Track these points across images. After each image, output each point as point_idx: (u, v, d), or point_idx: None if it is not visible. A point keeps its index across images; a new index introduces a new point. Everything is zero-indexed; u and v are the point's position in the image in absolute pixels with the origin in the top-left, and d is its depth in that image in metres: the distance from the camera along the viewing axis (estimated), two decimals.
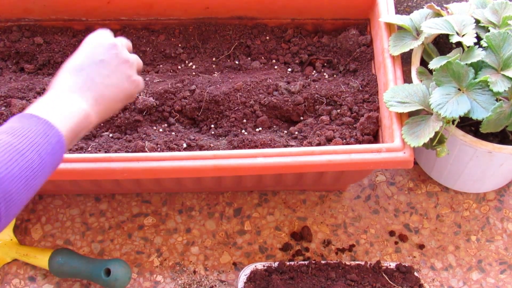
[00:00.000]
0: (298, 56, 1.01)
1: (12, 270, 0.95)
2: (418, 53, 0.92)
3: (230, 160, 0.80)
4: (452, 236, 0.99)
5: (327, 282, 0.87)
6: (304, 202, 1.02)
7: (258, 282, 0.87)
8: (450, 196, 1.03)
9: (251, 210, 1.01)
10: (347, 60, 0.99)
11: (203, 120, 0.94)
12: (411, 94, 0.82)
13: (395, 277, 0.88)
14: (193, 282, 0.94)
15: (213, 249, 0.97)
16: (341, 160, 0.79)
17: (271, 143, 0.88)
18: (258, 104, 0.93)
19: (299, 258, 0.96)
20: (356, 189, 1.03)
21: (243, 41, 1.02)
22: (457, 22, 0.86)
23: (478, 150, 0.86)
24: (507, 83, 0.78)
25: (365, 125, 0.88)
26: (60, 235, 0.98)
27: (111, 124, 0.92)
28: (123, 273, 0.88)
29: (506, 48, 0.80)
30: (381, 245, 0.98)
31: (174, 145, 0.88)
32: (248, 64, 1.00)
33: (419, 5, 1.05)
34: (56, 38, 1.00)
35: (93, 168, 0.79)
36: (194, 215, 1.00)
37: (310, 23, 1.03)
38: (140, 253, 0.97)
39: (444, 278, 0.95)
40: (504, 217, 1.01)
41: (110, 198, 1.02)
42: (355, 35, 0.99)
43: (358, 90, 0.94)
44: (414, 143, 0.78)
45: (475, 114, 0.78)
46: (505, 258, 0.97)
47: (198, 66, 1.00)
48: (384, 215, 1.01)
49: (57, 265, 0.91)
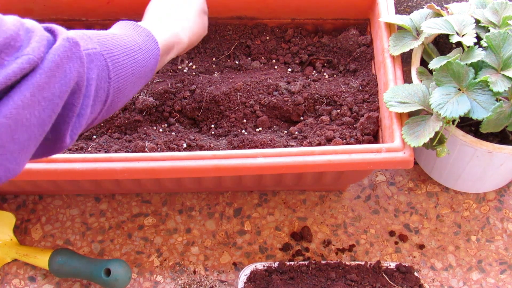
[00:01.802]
0: (298, 56, 1.01)
1: (12, 270, 0.95)
2: (418, 53, 0.92)
3: (230, 160, 0.80)
4: (452, 236, 0.99)
5: (327, 282, 0.87)
6: (304, 202, 1.02)
7: (258, 282, 0.87)
8: (450, 196, 1.03)
9: (251, 210, 1.01)
10: (347, 60, 0.99)
11: (203, 120, 0.94)
12: (411, 94, 0.82)
13: (395, 277, 0.88)
14: (193, 282, 0.94)
15: (213, 249, 0.97)
16: (341, 160, 0.79)
17: (271, 143, 0.88)
18: (258, 104, 0.93)
19: (299, 258, 0.96)
20: (356, 189, 1.03)
21: (243, 41, 1.02)
22: (457, 22, 0.86)
23: (478, 150, 0.86)
24: (507, 83, 0.78)
25: (365, 125, 0.88)
26: (60, 235, 0.98)
27: (111, 124, 0.92)
28: (123, 273, 0.88)
29: (506, 48, 0.80)
30: (381, 245, 0.98)
31: (174, 145, 0.88)
32: (248, 64, 1.00)
33: (419, 5, 1.05)
34: None
35: (93, 168, 0.79)
36: (194, 215, 1.00)
37: (310, 23, 1.03)
38: (140, 253, 0.97)
39: (444, 278, 0.95)
40: (504, 217, 1.01)
41: (110, 198, 1.02)
42: (355, 35, 0.99)
43: (358, 90, 0.94)
44: (414, 143, 0.78)
45: (475, 114, 0.78)
46: (505, 258, 0.97)
47: (198, 66, 1.00)
48: (384, 215, 1.01)
49: (57, 265, 0.91)
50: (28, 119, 0.45)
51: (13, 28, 0.46)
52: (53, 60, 0.47)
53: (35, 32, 0.48)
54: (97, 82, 0.54)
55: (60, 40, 0.49)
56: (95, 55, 0.54)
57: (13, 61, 0.44)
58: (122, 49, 0.60)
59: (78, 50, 0.50)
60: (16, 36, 0.45)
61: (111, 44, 0.58)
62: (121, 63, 0.59)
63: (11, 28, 0.45)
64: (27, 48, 0.46)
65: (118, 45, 0.59)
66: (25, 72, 0.45)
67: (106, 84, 0.56)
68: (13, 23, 0.46)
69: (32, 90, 0.45)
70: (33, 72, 0.45)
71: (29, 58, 0.45)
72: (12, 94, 0.43)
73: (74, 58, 0.50)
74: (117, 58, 0.58)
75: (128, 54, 0.61)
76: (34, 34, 0.47)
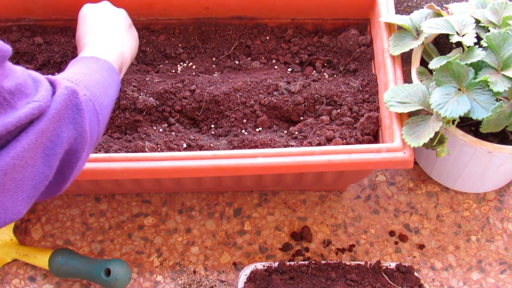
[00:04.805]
0: (298, 56, 1.01)
1: (12, 270, 0.95)
2: (418, 53, 0.92)
3: (230, 160, 0.80)
4: (452, 236, 0.99)
5: (327, 282, 0.87)
6: (304, 202, 1.02)
7: (258, 282, 0.87)
8: (450, 196, 1.03)
9: (251, 210, 1.01)
10: (347, 60, 0.99)
11: (203, 120, 0.94)
12: (411, 94, 0.82)
13: (395, 277, 0.88)
14: (193, 282, 0.94)
15: (213, 249, 0.97)
16: (341, 160, 0.79)
17: (271, 143, 0.88)
18: (258, 104, 0.93)
19: (299, 258, 0.96)
20: (356, 189, 1.03)
21: (243, 41, 1.02)
22: (457, 22, 0.86)
23: (478, 150, 0.86)
24: (507, 83, 0.78)
25: (365, 125, 0.88)
26: (60, 235, 0.98)
27: (111, 124, 0.92)
28: (123, 273, 0.88)
29: (506, 48, 0.80)
30: (381, 245, 0.98)
31: (174, 145, 0.88)
32: (248, 64, 1.00)
33: (419, 5, 1.05)
34: (56, 38, 1.00)
35: (93, 168, 0.79)
36: (194, 215, 1.00)
37: (310, 23, 1.03)
38: (140, 253, 0.97)
39: (444, 278, 0.95)
40: (504, 217, 1.01)
41: (110, 198, 1.02)
42: (355, 35, 0.99)
43: (358, 90, 0.94)
44: (414, 143, 0.78)
45: (475, 114, 0.78)
46: (505, 258, 0.97)
47: (198, 66, 1.00)
48: (384, 215, 1.01)
49: (57, 265, 0.91)
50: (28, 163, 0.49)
51: (23, 77, 0.50)
52: (55, 107, 0.51)
53: (41, 83, 0.52)
54: (90, 126, 0.58)
55: (60, 89, 0.53)
56: (87, 102, 0.58)
57: (24, 106, 0.47)
58: (100, 88, 0.64)
59: (77, 98, 0.55)
60: (25, 84, 0.49)
61: (92, 86, 0.62)
62: (103, 103, 0.63)
63: (21, 77, 0.49)
64: (36, 95, 0.49)
65: (96, 86, 0.63)
66: (34, 117, 0.48)
67: (97, 126, 0.60)
68: (22, 72, 0.50)
69: (37, 134, 0.48)
70: (39, 118, 0.49)
71: (39, 105, 0.49)
72: (19, 138, 0.47)
73: (75, 106, 0.54)
74: (100, 100, 0.62)
75: (105, 92, 0.65)
76: (41, 84, 0.51)
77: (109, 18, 0.86)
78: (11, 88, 0.47)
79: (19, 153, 0.47)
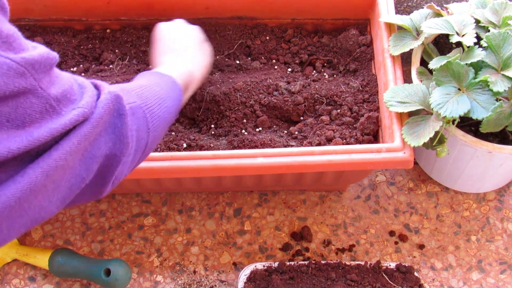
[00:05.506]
0: (298, 56, 1.01)
1: (12, 270, 0.95)
2: (418, 53, 0.92)
3: (230, 160, 0.80)
4: (452, 236, 0.99)
5: (327, 282, 0.87)
6: (304, 202, 1.02)
7: (258, 282, 0.87)
8: (450, 196, 1.03)
9: (251, 210, 1.01)
10: (347, 60, 0.99)
11: (203, 120, 0.94)
12: (411, 94, 0.82)
13: (395, 277, 0.88)
14: (193, 282, 0.94)
15: (213, 249, 0.97)
16: (341, 160, 0.79)
17: (271, 143, 0.88)
18: (258, 104, 0.93)
19: (299, 258, 0.96)
20: (356, 189, 1.03)
21: (243, 41, 1.02)
22: (457, 22, 0.86)
23: (478, 150, 0.86)
24: (507, 83, 0.78)
25: (365, 125, 0.88)
26: (60, 235, 0.98)
27: None
28: (123, 273, 0.88)
29: (506, 48, 0.80)
30: (381, 245, 0.98)
31: (174, 145, 0.88)
32: (248, 64, 1.00)
33: (419, 5, 1.05)
34: (56, 38, 1.00)
35: None
36: (194, 215, 1.00)
37: (310, 23, 1.03)
38: (140, 253, 0.97)
39: (444, 278, 0.95)
40: (504, 217, 1.01)
41: (110, 198, 1.02)
42: (355, 35, 0.99)
43: (358, 90, 0.94)
44: (414, 143, 0.78)
45: (475, 114, 0.78)
46: (505, 258, 0.97)
47: None
48: (384, 215, 1.01)
49: (57, 265, 0.91)
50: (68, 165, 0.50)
51: (69, 83, 0.51)
52: (98, 112, 0.52)
53: (87, 88, 0.53)
54: (138, 133, 0.59)
55: (104, 94, 0.54)
56: (135, 109, 0.59)
57: (70, 112, 0.49)
58: (156, 99, 0.65)
59: (121, 104, 0.55)
60: (71, 90, 0.50)
61: (146, 97, 0.63)
62: (156, 113, 0.64)
63: (67, 83, 0.50)
64: (81, 101, 0.50)
65: (151, 97, 0.65)
66: (78, 123, 0.49)
67: (146, 134, 0.61)
68: (68, 78, 0.52)
69: (79, 138, 0.50)
70: (83, 123, 0.50)
71: (84, 111, 0.50)
72: (62, 142, 0.48)
73: (117, 111, 0.55)
74: (153, 109, 0.63)
75: (160, 104, 0.66)
76: (86, 90, 0.53)
77: (183, 38, 0.89)
78: (57, 95, 0.48)
79: (62, 156, 0.48)
